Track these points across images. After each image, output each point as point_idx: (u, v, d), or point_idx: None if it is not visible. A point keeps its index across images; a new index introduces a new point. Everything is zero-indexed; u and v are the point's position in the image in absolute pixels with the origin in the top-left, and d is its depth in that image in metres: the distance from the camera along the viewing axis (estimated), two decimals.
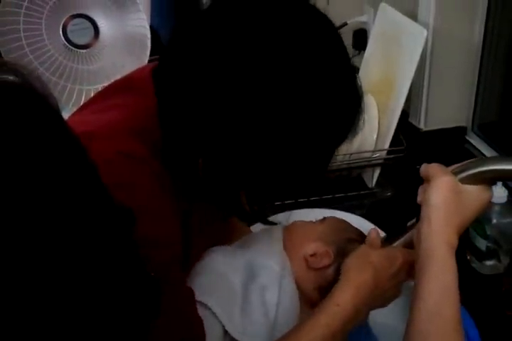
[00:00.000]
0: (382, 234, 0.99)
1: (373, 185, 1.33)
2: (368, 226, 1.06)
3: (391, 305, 0.87)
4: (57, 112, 0.42)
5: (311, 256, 0.90)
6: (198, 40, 0.68)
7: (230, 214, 0.86)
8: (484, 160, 0.82)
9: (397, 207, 1.28)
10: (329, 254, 0.90)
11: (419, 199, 0.77)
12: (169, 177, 0.74)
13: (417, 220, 0.76)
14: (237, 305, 0.82)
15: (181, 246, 0.75)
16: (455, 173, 0.75)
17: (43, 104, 0.41)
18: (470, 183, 0.74)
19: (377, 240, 0.85)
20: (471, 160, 0.79)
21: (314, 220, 0.97)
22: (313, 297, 0.88)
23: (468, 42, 1.32)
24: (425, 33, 1.21)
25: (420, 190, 0.77)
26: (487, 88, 1.36)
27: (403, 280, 0.84)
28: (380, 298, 0.82)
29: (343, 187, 1.32)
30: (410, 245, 0.79)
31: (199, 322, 0.75)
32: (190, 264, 0.85)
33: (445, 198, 0.72)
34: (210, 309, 0.80)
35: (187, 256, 0.80)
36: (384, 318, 0.92)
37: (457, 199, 0.73)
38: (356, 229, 0.97)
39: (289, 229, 0.95)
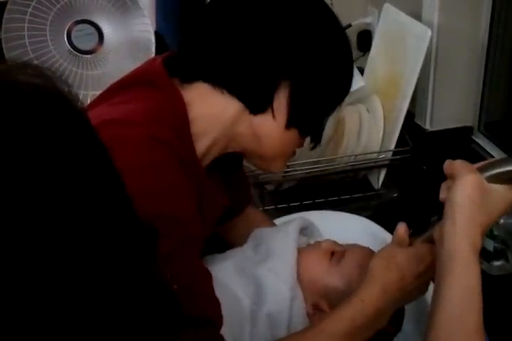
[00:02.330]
0: (389, 236, 0.98)
1: (379, 186, 1.32)
2: (375, 228, 1.05)
3: None
4: (83, 115, 0.42)
5: (312, 306, 0.86)
6: None
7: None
8: (511, 159, 0.79)
9: (403, 208, 1.28)
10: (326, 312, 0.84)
11: (442, 196, 0.73)
12: (191, 163, 0.77)
13: (439, 217, 0.74)
14: (246, 332, 0.81)
15: (200, 226, 0.77)
16: (480, 171, 0.72)
17: (69, 107, 0.40)
18: (496, 182, 0.71)
19: (405, 237, 0.82)
20: (496, 158, 0.76)
21: (333, 253, 0.89)
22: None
23: (473, 41, 1.31)
24: (429, 32, 1.20)
25: (443, 186, 0.74)
26: (493, 87, 1.35)
27: (430, 279, 0.80)
28: (405, 297, 0.81)
29: (349, 189, 1.32)
30: (433, 241, 0.76)
31: (217, 303, 0.74)
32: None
33: (471, 197, 0.69)
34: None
35: None
36: None
37: (483, 199, 0.70)
38: None
39: (303, 259, 0.88)
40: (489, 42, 1.30)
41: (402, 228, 0.83)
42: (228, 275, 0.86)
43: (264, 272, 0.86)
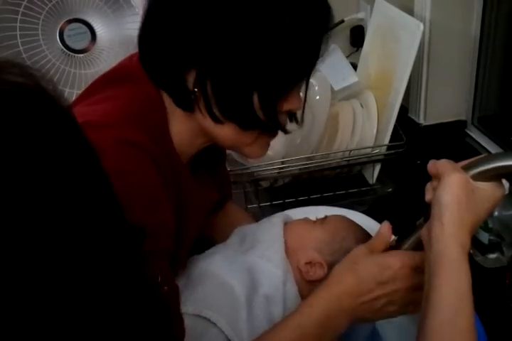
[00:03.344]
0: (393, 237, 0.98)
1: (374, 181, 1.32)
2: (371, 224, 1.05)
3: None
4: (68, 113, 0.42)
5: (306, 264, 0.88)
6: None
7: (248, 125, 0.79)
8: (495, 156, 0.77)
9: (398, 202, 1.28)
10: (323, 267, 0.88)
11: (427, 197, 0.72)
12: (169, 163, 0.75)
13: (426, 219, 0.73)
14: (243, 319, 0.81)
15: (173, 239, 0.75)
16: (465, 170, 0.71)
17: (54, 104, 0.40)
18: (481, 180, 0.70)
19: (380, 244, 0.79)
20: (481, 156, 0.75)
21: (316, 219, 0.95)
22: None
23: (465, 35, 1.32)
24: (422, 26, 1.20)
25: (428, 187, 0.73)
26: (485, 81, 1.35)
27: (408, 293, 0.77)
28: (368, 307, 0.76)
29: (344, 185, 1.32)
30: (420, 245, 0.74)
31: (181, 322, 0.74)
32: (182, 251, 0.84)
33: (458, 197, 0.68)
34: (215, 323, 0.79)
35: (180, 242, 0.80)
36: None
37: (470, 198, 0.68)
38: (360, 235, 0.92)
39: (289, 229, 0.94)
40: (481, 36, 1.30)
41: (380, 237, 0.80)
42: (219, 266, 0.87)
43: (254, 259, 0.87)
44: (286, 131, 0.83)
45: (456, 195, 0.68)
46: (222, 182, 1.02)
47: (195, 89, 0.75)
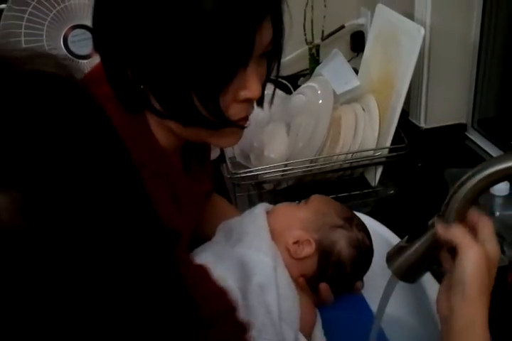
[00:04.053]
0: (396, 238, 1.00)
1: (376, 183, 1.34)
2: (374, 225, 1.07)
3: (399, 299, 0.88)
4: (100, 106, 0.41)
5: (293, 243, 0.91)
6: None
7: (190, 122, 0.77)
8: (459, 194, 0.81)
9: (400, 204, 1.30)
10: (311, 243, 0.91)
11: (446, 266, 0.75)
12: (158, 156, 0.77)
13: (438, 217, 0.75)
14: (239, 311, 0.83)
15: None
16: (442, 215, 0.75)
17: (87, 97, 0.40)
18: (462, 219, 0.74)
19: None
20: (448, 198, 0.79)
21: (298, 202, 0.99)
22: (299, 283, 0.90)
23: (465, 39, 1.34)
24: (423, 31, 1.22)
25: (444, 256, 0.76)
26: (485, 85, 1.37)
27: None
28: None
29: (346, 187, 1.33)
30: (432, 245, 0.77)
31: (224, 293, 0.76)
32: (181, 244, 0.85)
33: (481, 273, 0.70)
34: None
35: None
36: (392, 311, 0.93)
37: (488, 269, 0.72)
38: (341, 211, 0.97)
39: (273, 215, 0.97)
40: (481, 41, 1.32)
41: None
42: (210, 262, 0.88)
43: (243, 250, 0.89)
44: (240, 126, 0.80)
45: (479, 271, 0.70)
46: (209, 174, 1.03)
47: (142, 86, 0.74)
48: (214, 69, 0.71)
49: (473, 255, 0.70)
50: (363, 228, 0.98)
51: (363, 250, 0.95)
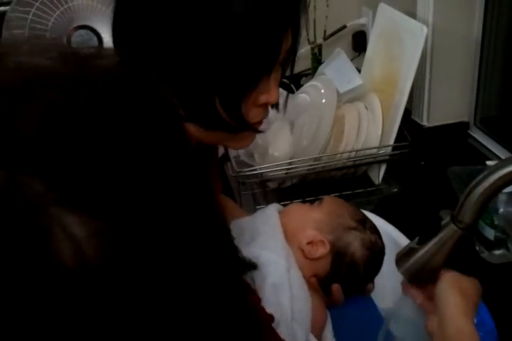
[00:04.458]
0: (405, 239, 1.01)
1: (380, 181, 1.34)
2: (379, 223, 1.07)
3: (407, 297, 0.88)
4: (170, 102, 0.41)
5: (307, 243, 0.92)
6: None
7: (211, 126, 0.78)
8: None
9: (404, 202, 1.30)
10: (325, 244, 0.92)
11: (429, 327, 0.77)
12: None
13: (452, 217, 0.75)
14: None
15: None
16: (456, 215, 0.75)
17: (156, 93, 0.39)
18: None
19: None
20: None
21: (310, 203, 0.99)
22: (312, 283, 0.91)
23: (467, 38, 1.35)
24: (425, 29, 1.23)
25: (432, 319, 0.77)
26: (487, 83, 1.38)
27: None
28: None
29: (350, 185, 1.34)
30: (445, 245, 0.77)
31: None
32: None
33: (454, 291, 0.75)
34: None
35: None
36: (400, 310, 0.93)
37: (459, 290, 0.75)
38: (355, 213, 0.98)
39: (285, 214, 0.97)
40: (483, 39, 1.33)
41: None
42: None
43: (257, 250, 0.89)
44: (257, 131, 0.83)
45: (454, 281, 0.76)
46: (217, 175, 1.04)
47: None
48: (240, 77, 0.73)
49: (446, 275, 0.76)
50: (375, 230, 0.98)
51: (376, 252, 0.96)
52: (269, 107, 0.83)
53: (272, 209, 0.98)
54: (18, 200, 0.30)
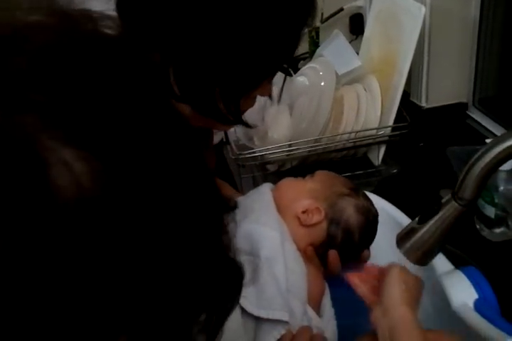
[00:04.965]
0: (406, 218, 1.01)
1: (379, 163, 1.35)
2: (380, 203, 1.07)
3: None
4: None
5: (303, 212, 0.93)
6: None
7: (206, 113, 0.77)
8: None
9: (403, 183, 1.31)
10: (320, 210, 0.93)
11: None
12: None
13: (453, 194, 0.75)
14: (249, 285, 0.83)
15: None
16: (457, 192, 0.76)
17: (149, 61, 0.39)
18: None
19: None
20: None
21: (303, 178, 1.00)
22: (308, 252, 0.91)
23: (465, 17, 1.34)
24: (423, 9, 1.23)
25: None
26: (486, 63, 1.38)
27: None
28: None
29: (350, 167, 1.34)
30: (445, 224, 0.78)
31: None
32: None
33: (399, 283, 0.76)
34: None
35: None
36: None
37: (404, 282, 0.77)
38: (347, 182, 1.00)
39: (278, 188, 0.99)
40: (481, 19, 1.33)
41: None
42: None
43: (250, 225, 0.90)
44: (249, 126, 0.85)
45: (401, 275, 0.77)
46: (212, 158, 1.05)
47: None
48: (249, 76, 0.74)
49: (393, 269, 0.78)
50: (368, 198, 1.00)
51: (370, 218, 0.97)
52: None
53: (265, 187, 1.00)
54: (14, 132, 0.30)
